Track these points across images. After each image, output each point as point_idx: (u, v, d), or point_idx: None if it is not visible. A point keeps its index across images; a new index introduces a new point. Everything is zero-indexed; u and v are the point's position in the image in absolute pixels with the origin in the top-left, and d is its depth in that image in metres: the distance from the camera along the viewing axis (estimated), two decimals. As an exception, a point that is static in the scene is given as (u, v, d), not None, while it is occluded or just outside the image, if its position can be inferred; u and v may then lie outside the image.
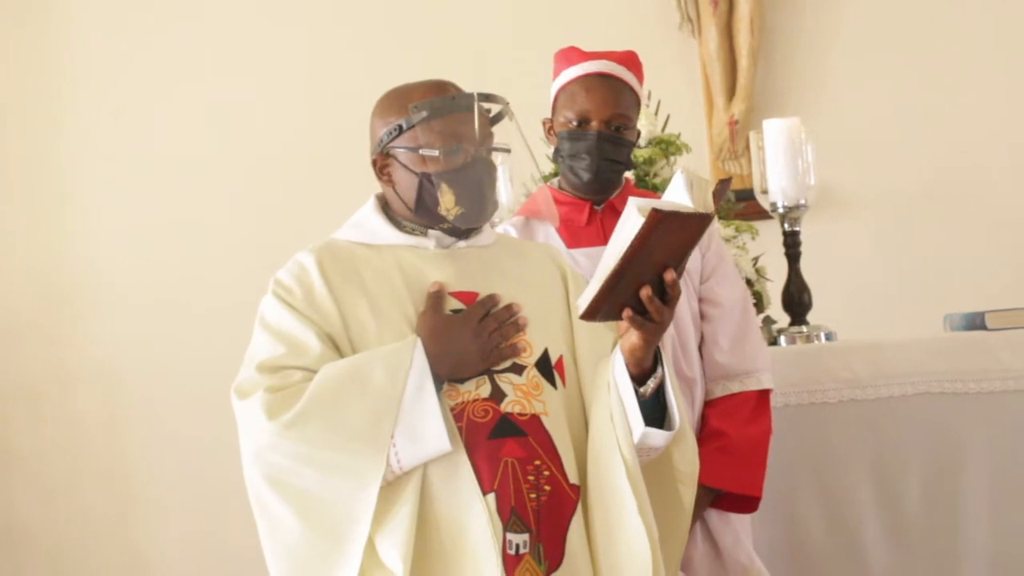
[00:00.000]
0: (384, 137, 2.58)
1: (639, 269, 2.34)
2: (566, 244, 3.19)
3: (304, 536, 2.45)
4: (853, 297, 4.93)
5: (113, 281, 5.39)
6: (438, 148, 2.53)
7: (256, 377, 2.49)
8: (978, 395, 3.69)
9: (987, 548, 3.64)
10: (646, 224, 2.27)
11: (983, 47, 5.32)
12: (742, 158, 5.28)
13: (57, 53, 5.46)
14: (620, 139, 3.16)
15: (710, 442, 3.16)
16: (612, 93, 3.16)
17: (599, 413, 2.51)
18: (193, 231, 5.36)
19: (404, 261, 2.58)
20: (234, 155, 5.39)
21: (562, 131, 3.18)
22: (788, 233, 3.96)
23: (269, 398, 2.45)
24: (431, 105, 2.53)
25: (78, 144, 5.44)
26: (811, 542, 3.61)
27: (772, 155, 3.92)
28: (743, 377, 3.23)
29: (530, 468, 2.45)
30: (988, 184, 5.30)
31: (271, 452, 2.45)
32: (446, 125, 2.54)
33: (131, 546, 5.37)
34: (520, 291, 2.60)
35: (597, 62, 3.18)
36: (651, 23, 5.31)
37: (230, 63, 5.42)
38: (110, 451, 5.38)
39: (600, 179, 3.18)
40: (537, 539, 2.44)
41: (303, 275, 2.55)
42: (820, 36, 5.36)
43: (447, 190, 2.54)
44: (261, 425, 2.44)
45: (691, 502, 2.63)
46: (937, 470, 3.65)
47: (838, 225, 5.15)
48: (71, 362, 5.39)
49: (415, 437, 2.43)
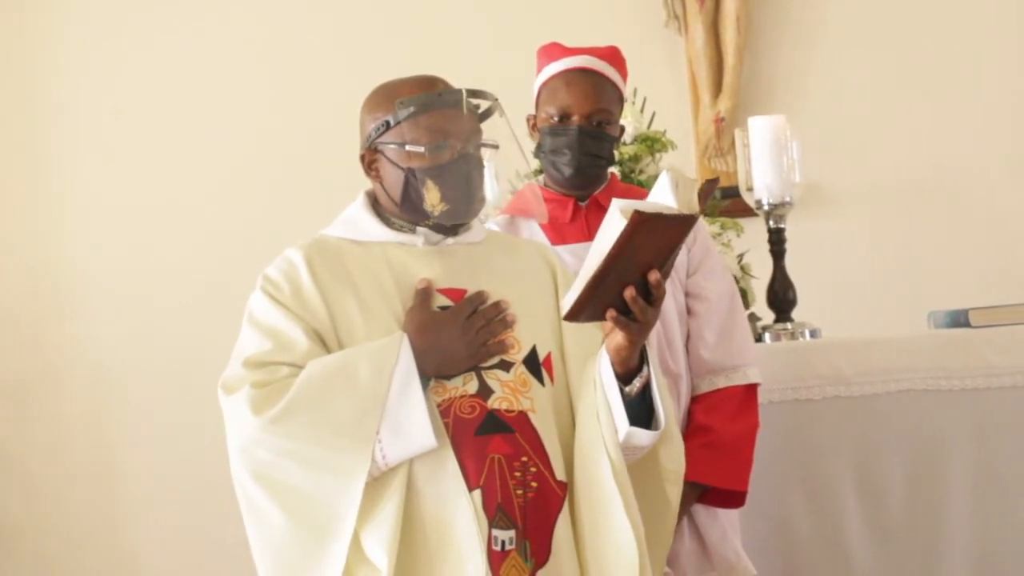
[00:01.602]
0: (372, 132, 2.59)
1: (622, 270, 2.34)
2: (551, 241, 3.18)
3: (290, 531, 2.45)
4: (838, 294, 4.94)
5: (99, 279, 5.37)
6: (424, 144, 2.53)
7: (242, 373, 2.49)
8: (962, 392, 3.70)
9: (970, 544, 3.65)
10: (628, 226, 2.26)
11: (969, 46, 5.34)
12: (728, 155, 5.28)
13: (46, 51, 5.45)
14: (601, 134, 3.17)
15: (696, 437, 3.16)
16: (593, 88, 3.17)
17: (585, 411, 2.52)
18: (180, 228, 5.35)
19: (393, 258, 2.58)
20: (220, 153, 5.38)
21: (544, 127, 3.19)
22: (773, 230, 3.96)
23: (255, 393, 2.45)
24: (418, 101, 2.53)
25: (63, 142, 5.43)
26: (795, 538, 3.62)
27: (757, 152, 3.92)
28: (729, 372, 3.23)
29: (517, 465, 2.45)
30: (973, 181, 5.31)
31: (257, 447, 2.45)
32: (432, 121, 2.54)
33: (117, 543, 5.36)
34: (509, 288, 2.60)
35: (578, 57, 3.19)
36: (637, 20, 5.31)
37: (218, 62, 5.41)
38: (96, 448, 5.37)
39: (581, 174, 3.18)
40: (523, 536, 2.44)
41: (292, 271, 2.55)
42: (806, 34, 5.37)
43: (432, 186, 2.54)
44: (247, 420, 2.44)
45: (677, 500, 2.63)
46: (921, 467, 3.66)
47: (823, 222, 5.16)
48: (57, 360, 5.37)
49: (400, 433, 2.43)
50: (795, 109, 4.72)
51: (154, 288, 5.33)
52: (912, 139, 5.31)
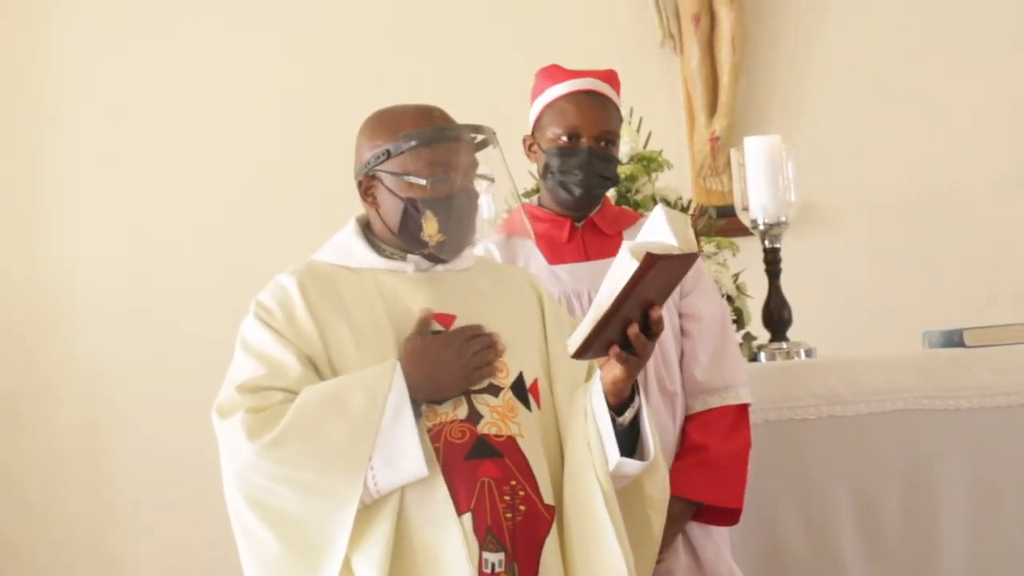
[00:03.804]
0: (371, 160, 2.61)
1: (628, 308, 2.39)
2: (548, 260, 3.22)
3: (283, 555, 2.47)
4: (833, 314, 4.94)
5: (94, 292, 5.38)
6: (425, 176, 2.56)
7: (237, 398, 2.52)
8: (956, 412, 3.71)
9: (964, 564, 3.66)
10: (640, 267, 2.33)
11: (962, 65, 5.36)
12: (723, 175, 5.30)
13: (40, 57, 5.45)
14: (609, 155, 3.21)
15: (691, 455, 3.19)
16: (601, 110, 3.20)
17: (576, 439, 2.55)
18: (174, 244, 5.36)
19: (384, 285, 2.61)
20: (215, 170, 5.39)
21: (551, 148, 3.21)
22: (768, 250, 3.97)
23: (250, 419, 2.48)
24: (422, 136, 2.57)
25: (58, 153, 5.43)
26: (790, 556, 3.63)
27: (753, 172, 3.93)
28: (722, 392, 3.25)
29: (506, 488, 2.48)
30: (968, 201, 5.32)
31: (251, 472, 2.48)
32: (434, 154, 2.57)
33: (110, 555, 5.36)
34: (497, 314, 2.63)
35: (585, 80, 3.22)
36: (633, 40, 5.33)
37: (216, 71, 5.42)
38: (89, 461, 5.37)
39: (591, 194, 3.22)
40: (512, 558, 2.47)
41: (284, 298, 2.58)
42: (802, 54, 5.39)
43: (431, 217, 2.58)
44: (241, 446, 2.47)
45: (660, 527, 2.66)
46: (915, 486, 3.67)
47: (818, 242, 5.17)
48: (51, 372, 5.38)
49: (392, 461, 2.45)
50: (790, 129, 4.74)
51: (147, 302, 5.34)
52: (907, 158, 5.33)
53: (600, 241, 3.26)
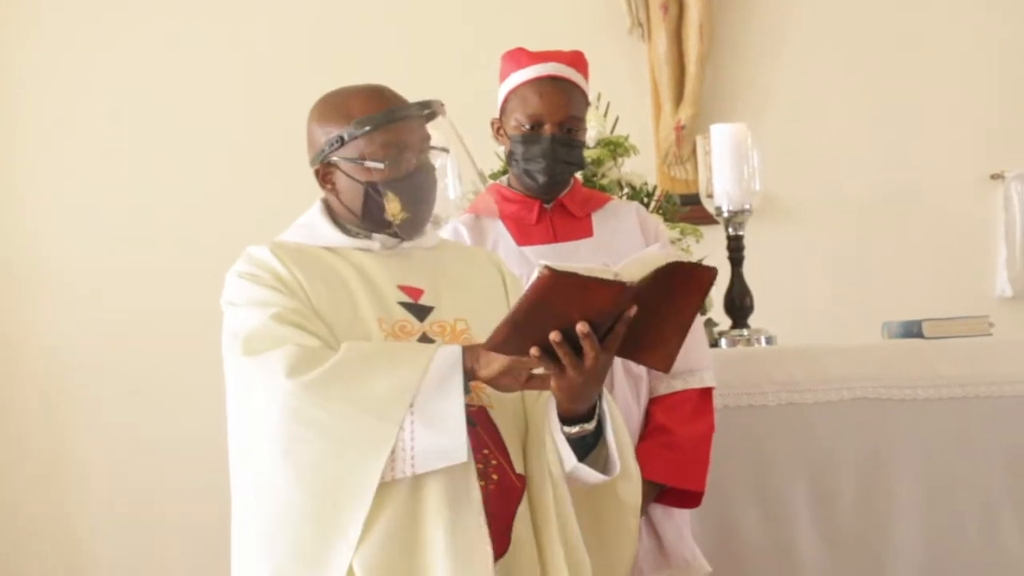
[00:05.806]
0: (325, 147, 2.60)
1: (544, 320, 2.31)
2: (516, 241, 3.22)
3: (302, 507, 2.39)
4: (794, 302, 4.98)
5: (56, 272, 5.36)
6: (382, 159, 2.56)
7: (276, 329, 2.43)
8: (913, 401, 3.75)
9: (917, 550, 3.70)
10: (537, 280, 2.25)
11: (929, 60, 5.41)
12: (687, 163, 5.32)
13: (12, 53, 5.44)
14: (572, 141, 3.20)
15: (654, 438, 3.20)
16: (564, 96, 3.19)
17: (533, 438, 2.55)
18: (142, 225, 5.34)
19: (353, 259, 2.60)
20: (183, 151, 5.37)
21: (515, 134, 3.21)
22: (732, 237, 4.00)
23: (296, 352, 2.40)
24: (373, 120, 2.55)
25: (23, 134, 5.41)
26: (746, 541, 3.66)
27: (718, 159, 3.96)
28: (686, 375, 3.25)
29: (479, 457, 2.46)
30: (929, 195, 5.38)
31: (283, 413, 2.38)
32: (388, 136, 2.56)
33: (66, 537, 5.33)
34: (463, 291, 2.63)
35: (547, 64, 3.20)
36: (601, 26, 5.35)
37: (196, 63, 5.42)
38: (47, 442, 5.34)
39: (554, 181, 3.22)
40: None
41: (262, 262, 2.55)
42: (769, 44, 5.42)
43: (393, 197, 2.57)
44: (276, 383, 2.39)
45: (635, 527, 2.64)
46: (871, 474, 3.71)
47: (782, 231, 5.21)
48: (9, 352, 5.36)
49: (433, 422, 2.38)
50: (756, 119, 4.75)
51: (110, 283, 5.32)
52: (871, 152, 5.37)
53: (569, 223, 3.26)
